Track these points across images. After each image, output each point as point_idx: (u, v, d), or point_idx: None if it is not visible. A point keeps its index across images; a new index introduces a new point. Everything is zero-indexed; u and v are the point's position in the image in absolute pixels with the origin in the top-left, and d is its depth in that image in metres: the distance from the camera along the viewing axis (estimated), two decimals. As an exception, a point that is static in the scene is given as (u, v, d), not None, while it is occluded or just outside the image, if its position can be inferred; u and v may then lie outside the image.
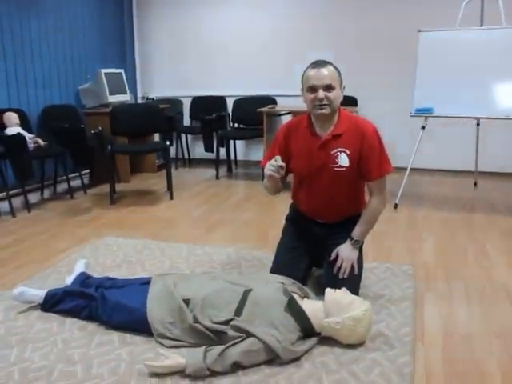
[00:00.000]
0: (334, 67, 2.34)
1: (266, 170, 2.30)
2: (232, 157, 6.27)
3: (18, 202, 4.54)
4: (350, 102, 5.34)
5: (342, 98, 2.38)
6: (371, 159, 2.38)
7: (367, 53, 5.78)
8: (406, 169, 4.45)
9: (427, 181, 5.48)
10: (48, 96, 5.19)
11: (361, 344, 2.08)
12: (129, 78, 6.28)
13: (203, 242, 3.49)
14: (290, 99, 5.79)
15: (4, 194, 4.30)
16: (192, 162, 6.70)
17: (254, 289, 2.16)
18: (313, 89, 2.30)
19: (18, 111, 4.63)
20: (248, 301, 2.09)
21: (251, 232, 3.75)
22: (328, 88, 2.28)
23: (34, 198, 4.85)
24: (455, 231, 3.70)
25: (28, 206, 4.38)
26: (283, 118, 5.67)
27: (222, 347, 1.92)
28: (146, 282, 2.38)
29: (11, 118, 4.44)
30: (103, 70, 5.37)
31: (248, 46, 6.26)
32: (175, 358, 1.91)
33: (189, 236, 3.66)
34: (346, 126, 2.39)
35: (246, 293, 2.13)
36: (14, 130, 4.34)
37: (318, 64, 2.31)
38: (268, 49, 6.19)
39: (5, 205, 4.30)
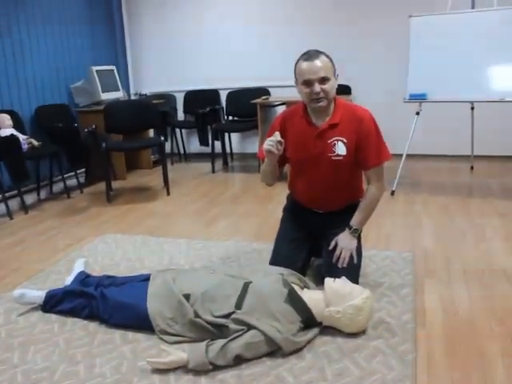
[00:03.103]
0: (327, 56, 2.31)
1: (264, 146, 2.27)
2: (228, 150, 6.25)
3: (14, 203, 4.52)
4: (343, 90, 5.32)
5: (336, 86, 2.36)
6: (368, 147, 2.37)
7: (359, 40, 5.74)
8: (401, 155, 4.44)
9: (423, 167, 5.48)
10: (40, 96, 5.15)
11: (363, 332, 2.09)
12: (121, 74, 6.24)
13: (202, 237, 3.48)
14: (284, 90, 5.77)
15: (0, 196, 4.27)
16: (188, 157, 6.67)
17: (253, 281, 2.16)
18: (308, 83, 2.27)
19: (11, 112, 4.60)
20: (248, 293, 2.09)
21: (249, 224, 3.74)
22: (323, 80, 2.25)
23: (30, 198, 4.83)
24: (453, 216, 3.70)
25: (25, 207, 4.37)
26: (278, 108, 5.66)
27: (223, 341, 1.92)
28: (146, 279, 2.37)
29: (4, 119, 4.40)
30: (94, 68, 5.32)
31: (239, 38, 6.22)
32: (177, 354, 1.91)
33: (187, 231, 3.66)
34: (342, 114, 2.38)
35: (246, 285, 2.13)
36: (7, 131, 4.31)
37: (311, 56, 2.27)
38: (259, 40, 6.15)
39: (1, 207, 4.28)
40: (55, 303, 2.41)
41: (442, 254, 2.97)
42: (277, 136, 2.25)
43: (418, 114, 4.39)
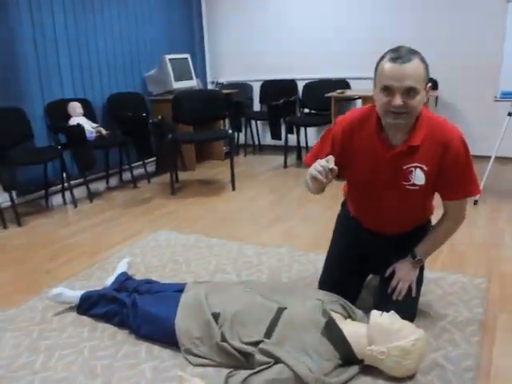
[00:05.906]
0: (422, 60, 1.76)
1: (311, 170, 1.80)
2: (303, 143, 5.98)
3: (83, 191, 4.56)
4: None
5: (425, 101, 1.83)
6: (454, 178, 1.92)
7: (448, 29, 5.18)
8: (489, 158, 3.94)
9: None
10: (113, 84, 5.15)
11: (410, 377, 1.78)
12: (198, 63, 6.17)
13: (257, 240, 3.28)
14: (363, 82, 5.39)
15: (67, 184, 4.32)
16: (262, 149, 6.49)
17: (288, 307, 1.92)
18: (388, 89, 1.76)
19: (83, 101, 4.64)
20: (280, 321, 1.86)
21: (310, 229, 3.47)
22: (409, 92, 1.74)
23: (100, 186, 4.90)
24: (545, 235, 3.22)
25: (90, 196, 4.39)
26: (356, 102, 5.29)
27: (245, 373, 1.71)
28: (180, 290, 2.23)
29: (75, 107, 4.46)
30: (167, 56, 5.24)
31: (322, 25, 5.87)
32: (195, 383, 1.73)
33: (243, 232, 3.47)
34: (425, 133, 1.88)
35: (280, 311, 1.90)
36: (77, 119, 4.36)
37: (401, 55, 1.73)
38: (343, 28, 5.75)
39: (68, 194, 4.34)
40: (89, 306, 2.35)
41: (523, 283, 2.56)
42: (330, 161, 1.77)
43: (510, 115, 3.85)
